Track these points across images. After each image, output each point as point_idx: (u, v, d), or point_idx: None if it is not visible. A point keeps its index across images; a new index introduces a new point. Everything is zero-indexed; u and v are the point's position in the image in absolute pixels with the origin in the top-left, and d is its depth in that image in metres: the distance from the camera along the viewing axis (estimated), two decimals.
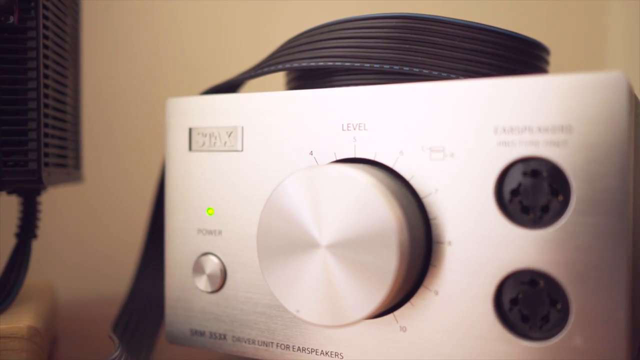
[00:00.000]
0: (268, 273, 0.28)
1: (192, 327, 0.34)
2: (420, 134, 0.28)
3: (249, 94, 0.32)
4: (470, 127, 0.27)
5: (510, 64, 0.32)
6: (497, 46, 0.31)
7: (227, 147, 0.33)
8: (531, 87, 0.25)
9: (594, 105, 0.24)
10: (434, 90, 0.27)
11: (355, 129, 0.29)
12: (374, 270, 0.26)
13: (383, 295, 0.26)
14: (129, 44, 0.60)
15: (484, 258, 0.26)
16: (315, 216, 0.27)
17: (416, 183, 0.28)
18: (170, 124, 0.35)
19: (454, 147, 0.27)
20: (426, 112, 0.28)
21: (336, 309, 0.27)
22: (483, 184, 0.26)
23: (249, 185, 0.32)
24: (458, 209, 0.27)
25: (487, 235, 0.26)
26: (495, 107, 0.26)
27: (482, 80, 0.27)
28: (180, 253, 0.34)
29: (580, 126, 0.24)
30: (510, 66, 0.32)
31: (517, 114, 0.26)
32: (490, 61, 0.31)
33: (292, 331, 0.31)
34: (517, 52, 0.32)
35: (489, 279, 0.26)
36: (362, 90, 0.29)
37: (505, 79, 0.26)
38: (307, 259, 0.27)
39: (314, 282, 0.27)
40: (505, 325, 0.26)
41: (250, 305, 0.32)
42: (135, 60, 0.60)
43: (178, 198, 0.34)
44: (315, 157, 0.30)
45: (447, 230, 0.27)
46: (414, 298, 0.28)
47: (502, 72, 0.32)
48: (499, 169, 0.26)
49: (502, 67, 0.32)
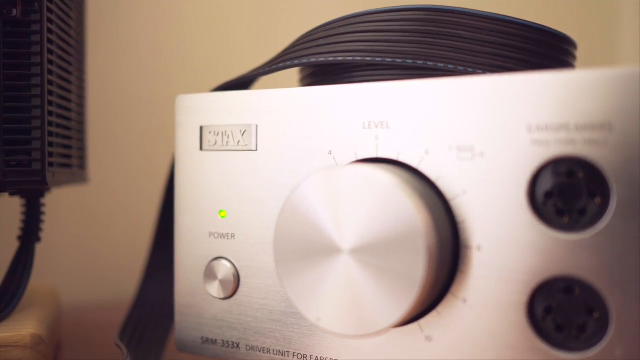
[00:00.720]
0: (286, 279, 0.27)
1: (204, 335, 0.32)
2: (447, 132, 0.26)
3: (263, 90, 0.31)
4: (501, 125, 0.25)
5: (537, 59, 0.30)
6: (525, 40, 0.30)
7: (240, 147, 0.31)
8: (567, 83, 0.24)
9: (636, 101, 0.23)
10: (462, 85, 0.26)
11: (377, 127, 0.28)
12: (400, 276, 0.24)
13: (410, 303, 0.24)
14: (134, 43, 0.59)
15: (516, 264, 0.25)
16: (336, 220, 0.26)
17: (443, 184, 0.26)
18: (180, 122, 0.33)
19: (484, 146, 0.25)
20: (453, 110, 0.26)
21: (360, 317, 0.25)
22: (515, 185, 0.25)
23: (264, 186, 0.30)
24: (488, 212, 0.25)
25: (520, 240, 0.25)
26: (528, 104, 0.25)
27: (514, 75, 0.25)
28: (190, 257, 0.33)
29: (621, 124, 0.23)
30: (537, 61, 0.30)
31: (552, 111, 0.24)
32: (517, 55, 0.30)
33: (309, 340, 0.29)
34: (545, 46, 0.31)
35: (522, 286, 0.25)
36: (384, 86, 0.27)
37: (539, 74, 0.24)
38: (328, 264, 0.26)
39: (336, 289, 0.26)
40: (539, 335, 0.25)
41: (265, 313, 0.30)
42: (140, 59, 0.59)
43: (188, 200, 0.33)
44: (334, 157, 0.29)
45: (476, 235, 0.26)
46: (440, 306, 0.26)
47: (529, 67, 0.30)
48: (533, 169, 0.24)
49: (529, 62, 0.30)
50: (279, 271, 0.27)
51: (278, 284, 0.30)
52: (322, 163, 0.29)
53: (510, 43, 0.30)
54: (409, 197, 0.24)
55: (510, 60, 0.30)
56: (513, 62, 0.30)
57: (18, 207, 0.37)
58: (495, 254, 0.25)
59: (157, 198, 0.46)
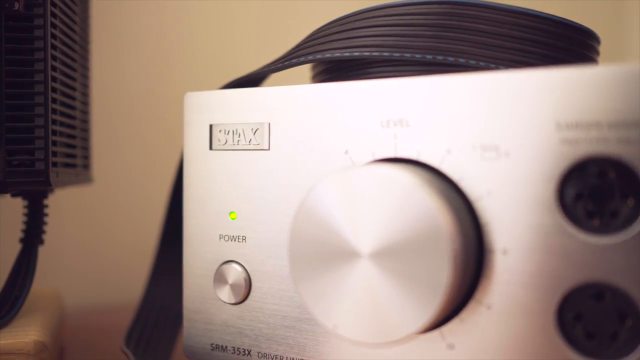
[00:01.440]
0: (301, 284, 0.26)
1: (213, 341, 0.31)
2: (470, 130, 0.25)
3: (276, 87, 0.29)
4: (528, 123, 0.24)
5: (560, 54, 0.29)
6: (549, 34, 0.29)
7: (252, 146, 0.30)
8: (600, 78, 0.23)
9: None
10: (486, 81, 0.25)
11: (395, 126, 0.27)
12: (423, 282, 0.23)
13: (434, 311, 0.23)
14: (139, 41, 0.57)
15: (544, 269, 0.24)
16: (355, 223, 0.24)
17: (466, 185, 0.25)
18: (189, 121, 0.32)
19: (510, 145, 0.24)
20: (477, 107, 0.25)
21: (379, 324, 0.24)
22: (543, 186, 0.24)
23: (277, 187, 0.29)
24: (514, 214, 0.24)
25: (548, 244, 0.23)
26: (558, 101, 0.23)
27: (542, 70, 0.24)
28: (199, 261, 0.31)
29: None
30: (560, 56, 0.29)
31: (582, 109, 0.23)
32: (540, 51, 0.29)
33: (324, 347, 0.28)
34: (568, 40, 0.29)
35: (550, 292, 0.24)
36: (403, 83, 0.26)
37: (570, 69, 0.23)
38: (346, 269, 0.25)
39: (354, 295, 0.24)
40: (569, 344, 0.23)
41: (278, 319, 0.29)
42: (145, 57, 0.58)
43: (197, 201, 0.32)
44: (350, 157, 0.28)
45: (501, 238, 0.24)
46: (463, 312, 0.25)
47: (551, 63, 0.29)
48: (562, 169, 0.23)
49: (552, 57, 0.29)
50: (294, 276, 0.26)
51: (292, 289, 0.29)
52: (338, 163, 0.28)
53: (534, 37, 0.28)
54: (431, 198, 0.23)
55: (533, 56, 0.28)
56: (536, 58, 0.29)
57: (20, 208, 0.35)
58: (522, 258, 0.24)
59: (162, 199, 0.45)
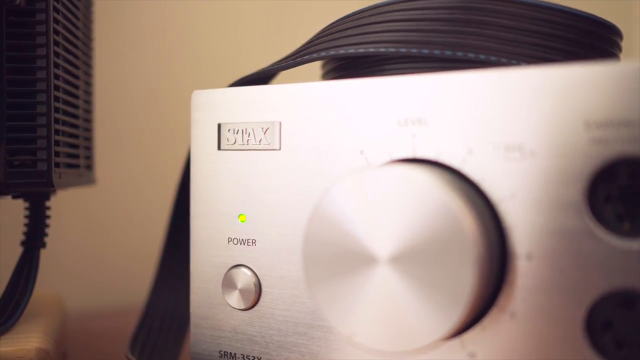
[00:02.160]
0: (316, 290, 0.25)
1: (222, 348, 0.30)
2: (492, 129, 0.24)
3: (287, 84, 0.28)
4: (555, 121, 0.23)
5: (582, 49, 0.28)
6: (570, 29, 0.28)
7: (262, 145, 0.29)
8: (630, 75, 0.22)
9: None
10: (510, 78, 0.24)
11: (413, 124, 0.25)
12: (445, 288, 0.22)
13: (457, 318, 0.22)
14: (142, 39, 0.56)
15: (571, 275, 0.22)
16: (372, 227, 0.23)
17: (488, 187, 0.24)
18: (196, 120, 0.31)
19: (535, 145, 0.23)
20: (499, 104, 0.24)
21: (399, 332, 0.23)
22: (571, 187, 0.22)
23: (288, 188, 0.28)
24: (540, 218, 0.23)
25: (575, 248, 0.22)
26: (587, 99, 0.22)
27: (570, 65, 0.23)
28: (207, 265, 0.30)
29: None
30: (582, 51, 0.28)
31: (613, 107, 0.22)
32: (562, 46, 0.28)
33: (337, 355, 0.27)
34: (590, 36, 0.28)
35: (577, 299, 0.22)
36: (422, 80, 0.25)
37: (600, 65, 0.22)
38: (365, 274, 0.24)
39: (373, 302, 0.23)
40: (597, 353, 0.22)
41: (290, 325, 0.28)
42: (149, 56, 0.57)
43: (205, 203, 0.30)
44: (366, 158, 0.26)
45: (525, 243, 0.23)
46: (485, 320, 0.24)
47: (573, 58, 0.28)
48: (592, 170, 0.22)
49: (574, 53, 0.28)
50: (309, 281, 0.25)
51: (304, 294, 0.28)
52: (352, 164, 0.27)
53: (555, 32, 0.27)
54: (453, 199, 0.22)
55: (554, 51, 0.27)
56: (557, 53, 0.28)
57: (21, 210, 0.34)
58: (548, 264, 0.23)
59: (166, 201, 0.44)
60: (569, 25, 0.28)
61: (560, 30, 0.27)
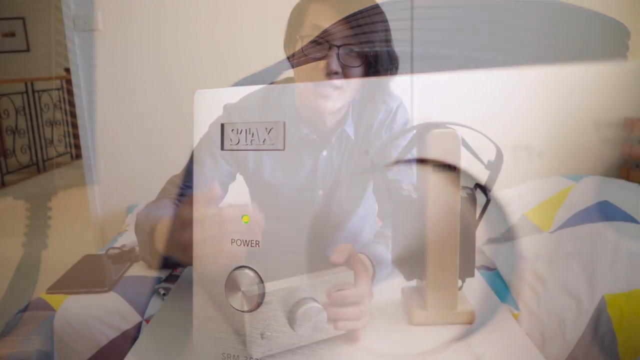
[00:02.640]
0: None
1: (225, 350, 0.30)
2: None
3: (292, 84, 0.28)
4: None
5: (590, 47, 0.28)
6: (577, 28, 0.27)
7: (266, 145, 0.29)
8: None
9: None
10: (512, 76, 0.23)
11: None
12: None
13: None
14: (145, 39, 0.56)
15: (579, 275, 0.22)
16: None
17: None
18: (199, 120, 0.30)
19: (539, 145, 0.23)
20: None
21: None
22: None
23: (293, 190, 0.28)
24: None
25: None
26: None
27: (577, 65, 0.22)
28: (210, 266, 0.30)
29: None
30: (589, 49, 0.28)
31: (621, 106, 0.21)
32: (568, 45, 0.27)
33: (342, 357, 0.27)
34: (598, 34, 0.28)
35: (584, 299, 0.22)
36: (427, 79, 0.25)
37: (606, 65, 0.22)
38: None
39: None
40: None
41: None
42: (150, 55, 0.56)
43: (207, 204, 0.30)
44: (371, 159, 0.26)
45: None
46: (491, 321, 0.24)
47: (580, 57, 0.28)
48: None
49: (582, 52, 0.28)
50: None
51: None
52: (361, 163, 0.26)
53: (561, 31, 0.27)
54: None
55: (566, 50, 0.27)
56: (563, 52, 0.27)
57: (22, 211, 0.34)
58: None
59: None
60: (578, 23, 0.27)
61: (569, 29, 0.27)
